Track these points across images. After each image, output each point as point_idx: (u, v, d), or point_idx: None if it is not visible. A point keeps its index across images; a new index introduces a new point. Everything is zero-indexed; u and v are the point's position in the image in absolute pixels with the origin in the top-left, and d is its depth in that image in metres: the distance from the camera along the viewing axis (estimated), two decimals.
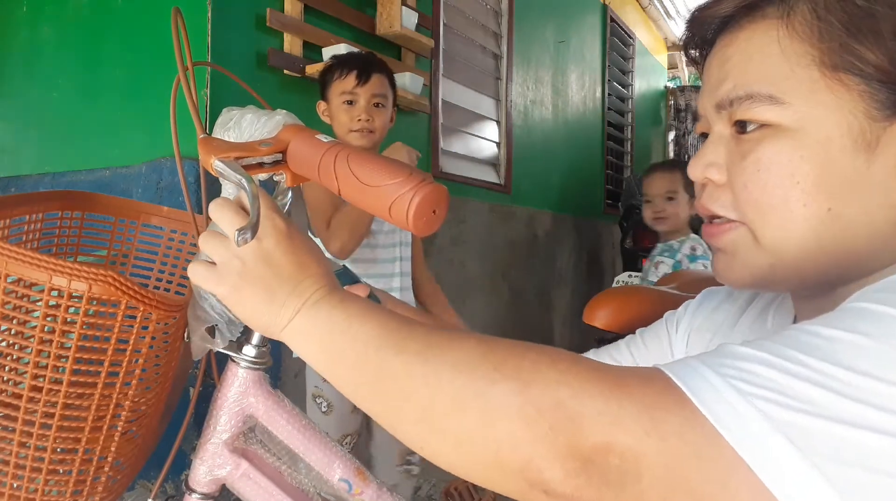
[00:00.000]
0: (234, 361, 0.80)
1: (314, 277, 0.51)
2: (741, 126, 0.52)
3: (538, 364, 0.40)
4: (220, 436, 0.79)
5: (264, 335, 0.52)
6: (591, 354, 0.79)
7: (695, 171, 0.56)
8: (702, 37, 0.59)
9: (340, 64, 1.58)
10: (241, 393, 0.79)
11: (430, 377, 0.42)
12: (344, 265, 0.60)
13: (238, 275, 0.51)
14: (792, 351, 0.38)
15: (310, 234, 1.50)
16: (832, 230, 0.49)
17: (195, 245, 0.91)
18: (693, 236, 2.18)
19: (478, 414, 0.40)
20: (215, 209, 0.53)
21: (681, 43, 0.62)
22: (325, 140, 0.50)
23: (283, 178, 0.53)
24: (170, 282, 0.95)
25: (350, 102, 1.54)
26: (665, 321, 0.77)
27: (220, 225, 0.53)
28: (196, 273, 0.54)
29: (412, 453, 1.61)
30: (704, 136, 0.58)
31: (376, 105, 1.56)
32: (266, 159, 0.51)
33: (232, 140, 0.56)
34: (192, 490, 0.80)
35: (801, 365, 0.37)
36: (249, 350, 0.76)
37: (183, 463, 0.85)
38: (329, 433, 1.68)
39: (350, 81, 1.54)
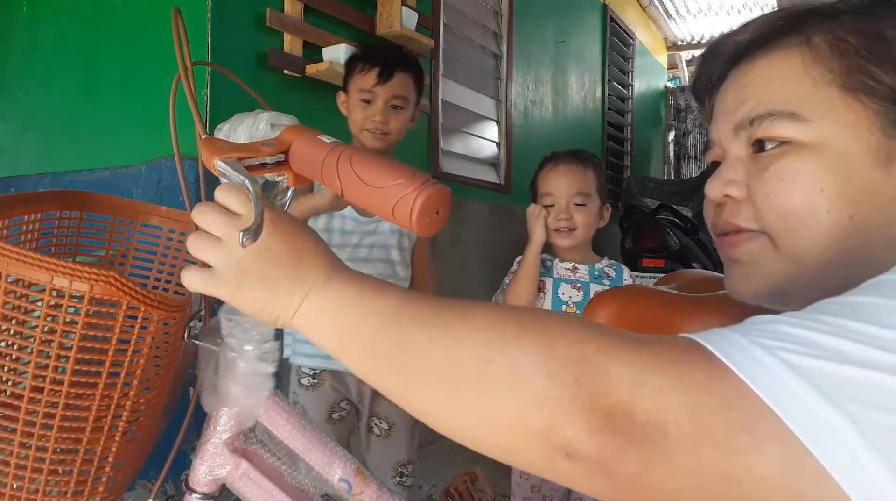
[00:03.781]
0: (220, 350, 0.80)
1: (314, 261, 0.51)
2: (760, 145, 0.54)
3: (561, 323, 0.41)
4: (220, 436, 0.79)
5: (276, 327, 0.52)
6: None
7: (713, 189, 0.57)
8: (709, 75, 0.63)
9: (364, 57, 1.49)
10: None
11: (451, 339, 0.42)
12: None
13: (237, 274, 0.50)
14: (812, 313, 0.39)
15: None
16: (853, 239, 0.50)
17: None
18: (612, 261, 1.66)
19: (501, 372, 0.40)
20: (202, 214, 0.51)
21: (691, 81, 0.66)
22: (328, 141, 0.50)
23: (284, 178, 0.53)
24: (168, 282, 0.95)
25: (367, 101, 1.46)
26: None
27: (212, 229, 0.51)
28: (193, 280, 0.52)
29: (405, 464, 1.57)
30: (714, 166, 0.60)
31: (394, 107, 1.48)
32: (268, 160, 0.51)
33: (231, 141, 0.56)
34: (192, 490, 0.80)
35: (824, 323, 0.38)
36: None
37: (183, 463, 0.85)
38: None
39: (370, 78, 1.46)
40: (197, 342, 0.78)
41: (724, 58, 0.60)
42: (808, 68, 0.52)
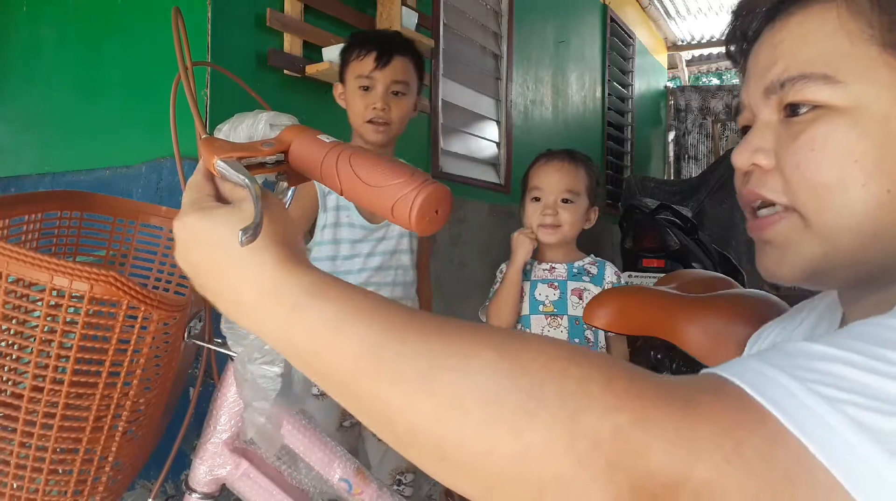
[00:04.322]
0: (233, 360, 0.80)
1: (243, 286, 0.42)
2: (792, 110, 0.50)
3: (587, 385, 0.32)
4: (220, 436, 0.79)
5: None
6: None
7: (741, 157, 0.52)
8: (743, 31, 0.58)
9: (360, 42, 1.38)
10: None
11: (444, 414, 0.34)
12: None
13: (196, 285, 0.46)
14: (874, 347, 0.33)
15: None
16: (892, 214, 0.46)
17: None
18: (597, 258, 1.63)
19: (515, 455, 0.32)
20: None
21: (725, 37, 0.61)
22: (328, 140, 0.50)
23: (284, 178, 0.53)
24: (169, 282, 0.95)
25: (366, 88, 1.35)
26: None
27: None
28: None
29: (403, 472, 1.54)
30: (745, 130, 0.55)
31: (395, 93, 1.37)
32: (268, 160, 0.51)
33: (231, 141, 0.56)
34: (192, 490, 0.80)
35: (887, 362, 0.32)
36: None
37: (183, 463, 0.85)
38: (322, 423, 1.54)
39: (368, 63, 1.34)
40: (212, 347, 0.78)
41: (760, 13, 0.55)
42: (844, 23, 0.47)
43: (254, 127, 0.57)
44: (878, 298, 0.49)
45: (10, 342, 0.67)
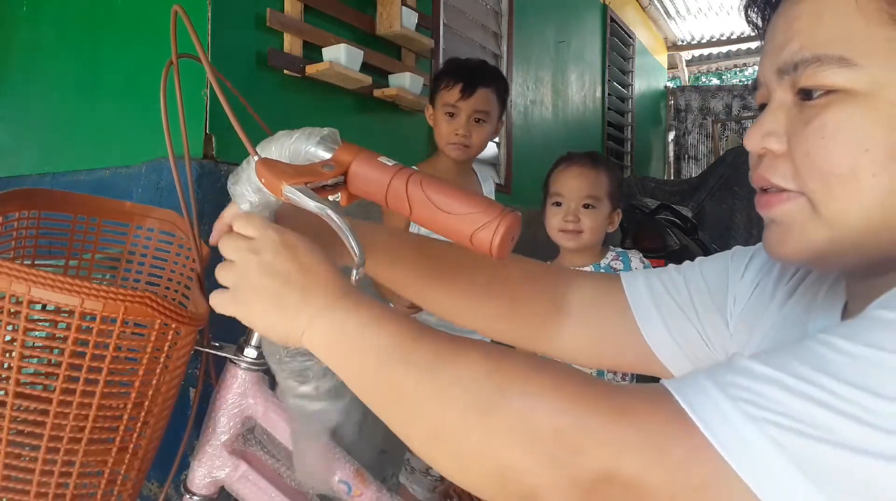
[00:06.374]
0: (233, 362, 0.80)
1: (321, 282, 0.50)
2: (806, 94, 0.48)
3: (542, 389, 0.40)
4: (219, 438, 0.79)
5: (289, 346, 0.53)
6: (642, 279, 0.70)
7: (752, 141, 0.51)
8: None
9: (450, 73, 1.60)
10: (240, 395, 0.79)
11: (438, 394, 0.42)
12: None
13: (249, 293, 0.51)
14: (811, 371, 0.35)
15: None
16: None
17: (186, 246, 0.90)
18: (619, 250, 1.65)
19: (482, 438, 0.40)
20: (225, 244, 0.53)
21: (742, 2, 0.58)
22: (390, 164, 0.51)
23: (338, 197, 0.53)
24: (157, 285, 0.92)
25: (451, 115, 1.58)
26: (730, 257, 0.68)
27: (229, 254, 0.52)
28: (218, 302, 0.54)
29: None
30: (762, 108, 0.53)
31: (477, 121, 1.59)
32: (328, 182, 0.52)
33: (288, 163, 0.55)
34: (192, 493, 0.80)
35: (819, 388, 0.34)
36: (250, 352, 0.77)
37: (182, 464, 0.85)
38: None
39: (454, 93, 1.56)
40: (211, 351, 0.78)
41: None
42: (860, 2, 0.45)
43: (287, 148, 0.56)
44: (880, 282, 0.48)
45: (39, 372, 0.63)
